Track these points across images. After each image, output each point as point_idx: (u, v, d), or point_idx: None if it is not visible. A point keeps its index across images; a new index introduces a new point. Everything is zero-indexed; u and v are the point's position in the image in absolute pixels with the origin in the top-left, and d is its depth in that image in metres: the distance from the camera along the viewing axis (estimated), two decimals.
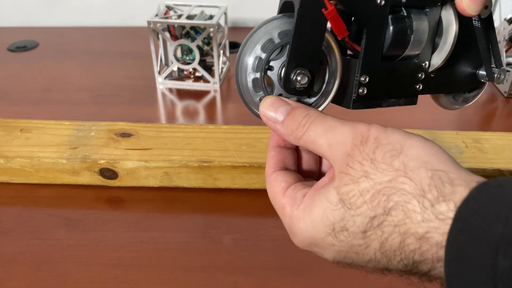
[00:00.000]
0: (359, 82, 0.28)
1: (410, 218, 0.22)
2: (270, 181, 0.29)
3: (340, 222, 0.24)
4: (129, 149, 0.52)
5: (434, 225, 0.22)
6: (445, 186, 0.22)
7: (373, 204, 0.23)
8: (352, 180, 0.24)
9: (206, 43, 0.71)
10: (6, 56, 0.85)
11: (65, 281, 0.42)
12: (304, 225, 0.26)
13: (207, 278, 0.43)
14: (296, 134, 0.26)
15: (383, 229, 0.23)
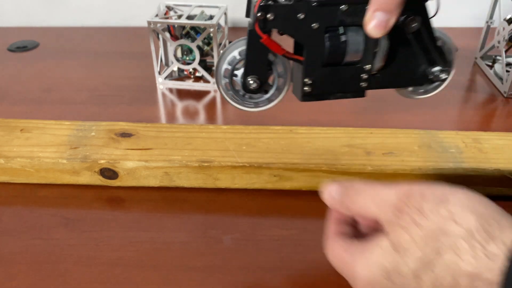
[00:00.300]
0: (304, 82, 0.38)
1: (461, 258, 0.23)
2: (331, 240, 0.32)
3: (394, 267, 0.26)
4: (129, 149, 0.53)
5: (486, 265, 0.23)
6: (492, 227, 0.24)
7: (424, 248, 0.24)
8: (402, 228, 0.26)
9: (206, 43, 0.72)
10: (6, 56, 0.85)
11: (65, 280, 0.43)
12: (361, 270, 0.28)
13: (207, 278, 0.43)
14: (348, 206, 0.31)
15: (435, 272, 0.24)
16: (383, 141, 0.54)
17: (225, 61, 0.38)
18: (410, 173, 0.50)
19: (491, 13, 0.77)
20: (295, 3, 0.34)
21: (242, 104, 0.41)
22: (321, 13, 0.35)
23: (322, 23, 0.35)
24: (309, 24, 0.35)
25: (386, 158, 0.51)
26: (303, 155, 0.51)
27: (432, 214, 0.25)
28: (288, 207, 0.51)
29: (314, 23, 0.35)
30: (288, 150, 0.52)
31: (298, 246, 0.46)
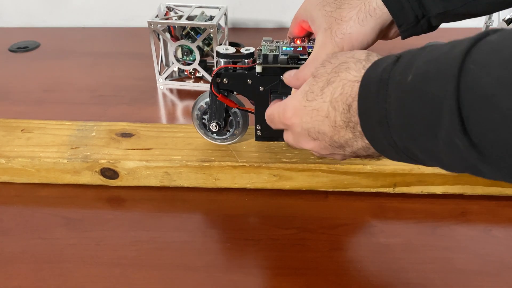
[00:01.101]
0: (256, 128, 0.49)
1: (349, 73, 0.34)
2: (274, 103, 0.42)
3: (310, 88, 0.36)
4: (129, 149, 0.53)
5: (361, 73, 0.33)
6: (374, 57, 0.34)
7: (330, 74, 0.35)
8: (322, 66, 0.37)
9: (207, 43, 0.72)
10: (8, 56, 0.85)
11: (66, 280, 0.43)
12: (290, 100, 0.39)
13: (207, 278, 0.43)
14: (298, 76, 0.41)
15: (333, 85, 0.34)
16: None
17: (196, 107, 0.51)
18: (409, 172, 0.50)
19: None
20: (243, 73, 0.46)
21: (212, 139, 0.52)
22: (265, 80, 0.46)
23: (266, 87, 0.46)
24: (257, 87, 0.46)
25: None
26: (302, 155, 0.51)
27: (341, 55, 0.36)
28: (287, 207, 0.51)
29: (260, 87, 0.46)
30: (288, 150, 0.52)
31: (298, 246, 0.46)
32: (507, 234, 0.48)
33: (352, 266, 0.44)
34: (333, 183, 0.51)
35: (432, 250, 0.46)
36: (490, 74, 0.23)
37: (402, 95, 0.28)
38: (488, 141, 0.24)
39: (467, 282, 0.43)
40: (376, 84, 0.30)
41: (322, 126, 0.35)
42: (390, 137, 0.30)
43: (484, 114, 0.24)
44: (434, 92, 0.26)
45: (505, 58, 0.23)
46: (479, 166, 0.26)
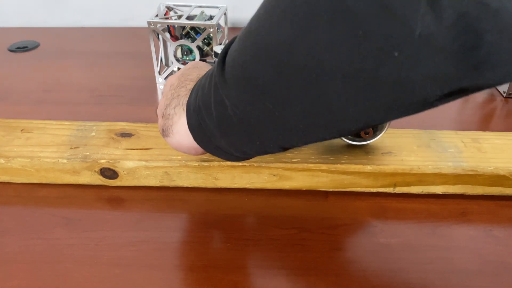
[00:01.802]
0: None
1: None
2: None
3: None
4: (129, 149, 0.53)
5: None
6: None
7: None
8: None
9: (206, 43, 0.72)
10: (7, 56, 0.85)
11: (65, 280, 0.43)
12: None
13: (207, 278, 0.43)
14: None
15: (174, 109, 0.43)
16: (382, 140, 0.54)
17: None
18: (409, 172, 0.50)
19: None
20: None
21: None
22: None
23: None
24: None
25: (385, 157, 0.51)
26: (302, 154, 0.51)
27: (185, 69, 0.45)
28: (287, 207, 0.51)
29: None
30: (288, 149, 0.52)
31: (298, 246, 0.46)
32: (507, 234, 0.48)
33: (352, 266, 0.44)
34: (333, 183, 0.51)
35: (432, 250, 0.46)
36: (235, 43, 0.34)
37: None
38: (229, 67, 0.33)
39: (467, 282, 0.43)
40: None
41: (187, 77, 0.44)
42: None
43: (230, 56, 0.34)
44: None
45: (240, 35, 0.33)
46: (225, 101, 0.34)
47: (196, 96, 0.39)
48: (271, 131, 0.33)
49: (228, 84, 0.33)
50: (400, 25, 0.22)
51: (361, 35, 0.24)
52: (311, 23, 0.26)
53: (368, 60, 0.24)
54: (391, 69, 0.24)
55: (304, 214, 0.50)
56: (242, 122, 0.34)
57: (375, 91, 0.25)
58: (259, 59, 0.30)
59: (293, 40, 0.27)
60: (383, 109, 0.27)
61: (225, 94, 0.34)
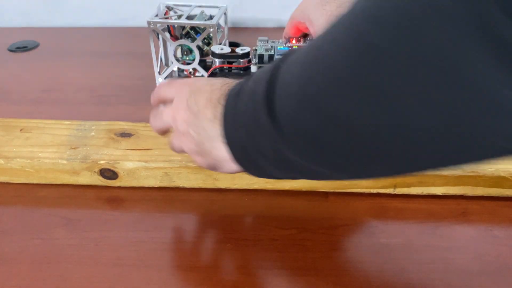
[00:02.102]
0: None
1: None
2: None
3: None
4: (129, 149, 0.53)
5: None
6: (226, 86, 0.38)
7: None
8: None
9: (206, 43, 0.72)
10: (7, 56, 0.85)
11: (65, 280, 0.43)
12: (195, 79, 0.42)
13: (207, 278, 0.43)
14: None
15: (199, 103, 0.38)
16: None
17: None
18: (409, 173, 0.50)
19: None
20: (238, 73, 0.47)
21: None
22: None
23: None
24: None
25: None
26: None
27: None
28: (287, 207, 0.51)
29: None
30: None
31: (298, 246, 0.46)
32: (507, 234, 0.47)
33: (352, 266, 0.44)
34: (333, 184, 0.51)
35: (433, 250, 0.46)
36: (289, 72, 0.29)
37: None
38: (285, 119, 0.29)
39: (467, 282, 0.43)
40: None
41: (203, 97, 0.39)
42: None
43: (284, 99, 0.28)
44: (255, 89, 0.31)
45: (299, 62, 0.28)
46: (285, 152, 0.30)
47: (236, 132, 0.34)
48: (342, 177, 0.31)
49: (287, 139, 0.29)
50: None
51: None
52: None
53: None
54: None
55: (304, 214, 0.50)
56: (309, 169, 0.31)
57: None
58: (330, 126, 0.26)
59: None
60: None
61: (284, 147, 0.30)
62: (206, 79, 0.40)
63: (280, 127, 0.28)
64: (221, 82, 0.38)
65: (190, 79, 0.41)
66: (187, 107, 0.38)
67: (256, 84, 0.31)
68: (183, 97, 0.39)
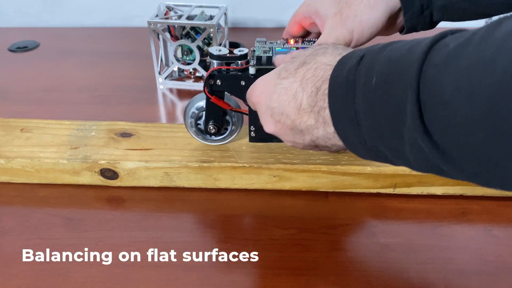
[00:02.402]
0: (250, 129, 0.50)
1: (325, 57, 0.34)
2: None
3: (284, 67, 0.37)
4: (129, 149, 0.53)
5: (336, 59, 0.33)
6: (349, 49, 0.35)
7: (307, 56, 0.36)
8: (304, 50, 0.38)
9: (206, 43, 0.72)
10: (7, 56, 0.85)
11: (65, 280, 0.43)
12: (262, 77, 0.39)
13: (207, 278, 0.43)
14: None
15: (308, 66, 0.35)
16: None
17: (188, 115, 0.51)
18: (410, 173, 0.50)
19: None
20: (237, 75, 0.46)
21: (211, 141, 0.53)
22: None
23: None
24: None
25: None
26: (302, 155, 0.51)
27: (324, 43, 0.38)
28: (287, 207, 0.51)
29: None
30: (288, 150, 0.52)
31: (298, 246, 0.46)
32: (507, 234, 0.48)
33: (352, 266, 0.44)
34: (333, 184, 0.51)
35: (432, 250, 0.46)
36: (448, 81, 0.24)
37: (368, 97, 0.29)
38: (449, 144, 0.25)
39: (467, 282, 0.43)
40: (343, 86, 0.31)
41: (287, 107, 0.35)
42: (361, 136, 0.30)
43: (443, 119, 0.24)
44: (397, 96, 0.27)
45: (462, 66, 0.24)
46: (442, 166, 0.26)
47: (358, 131, 0.30)
48: None
49: (446, 157, 0.26)
50: None
51: None
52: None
53: None
54: None
55: (304, 214, 0.50)
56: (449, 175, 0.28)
57: None
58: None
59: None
60: None
61: (441, 163, 0.26)
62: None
63: (443, 151, 0.25)
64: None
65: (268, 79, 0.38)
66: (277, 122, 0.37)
67: (393, 86, 0.27)
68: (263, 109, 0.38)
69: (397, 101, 0.27)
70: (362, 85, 0.29)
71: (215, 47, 0.47)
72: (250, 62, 0.45)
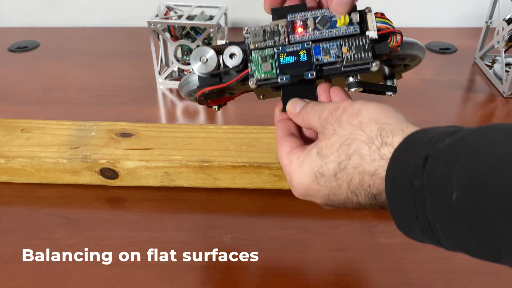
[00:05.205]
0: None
1: (364, 160, 0.30)
2: (279, 145, 0.36)
3: (319, 170, 0.32)
4: (129, 149, 0.53)
5: (380, 164, 0.29)
6: (388, 135, 0.29)
7: (338, 153, 0.31)
8: (325, 137, 0.32)
9: (206, 43, 0.72)
10: (7, 56, 0.85)
11: (65, 280, 0.43)
12: (297, 178, 0.34)
13: (207, 278, 0.43)
14: (303, 118, 0.35)
15: (347, 171, 0.30)
16: None
17: (192, 82, 0.39)
18: None
19: (490, 13, 0.77)
20: (234, 86, 0.37)
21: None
22: (261, 91, 0.39)
23: (267, 97, 0.40)
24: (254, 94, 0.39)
25: None
26: None
27: (347, 124, 0.31)
28: (287, 207, 0.51)
29: (261, 95, 0.40)
30: None
31: (298, 246, 0.46)
32: None
33: (352, 266, 0.44)
34: None
35: (432, 250, 0.46)
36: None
37: (449, 213, 0.25)
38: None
39: (467, 282, 0.43)
40: (408, 191, 0.27)
41: (343, 204, 0.33)
42: (437, 242, 0.28)
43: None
44: (494, 222, 0.23)
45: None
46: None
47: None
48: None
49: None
50: None
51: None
52: None
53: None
54: None
55: (304, 214, 0.50)
56: None
57: None
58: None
59: None
60: None
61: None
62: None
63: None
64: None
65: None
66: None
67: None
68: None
69: (494, 227, 0.23)
70: (437, 198, 0.25)
71: (196, 61, 0.36)
72: (249, 79, 0.36)
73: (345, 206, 0.33)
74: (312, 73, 0.35)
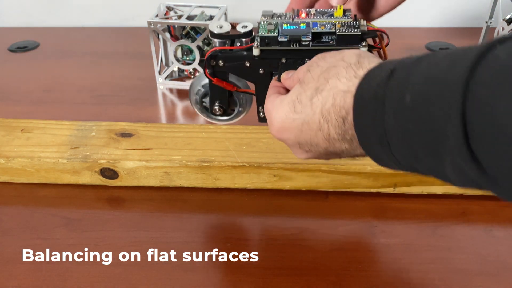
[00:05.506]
0: (258, 110, 0.45)
1: (339, 81, 0.32)
2: (267, 99, 0.38)
3: (298, 97, 0.34)
4: (129, 149, 0.53)
5: (353, 82, 0.31)
6: (365, 61, 0.32)
7: (319, 78, 0.33)
8: (308, 70, 0.34)
9: (206, 43, 0.72)
10: (7, 56, 0.85)
11: (65, 280, 0.43)
12: (276, 112, 0.36)
13: (208, 278, 0.43)
14: (293, 77, 0.38)
15: (323, 94, 0.32)
16: None
17: (194, 92, 0.46)
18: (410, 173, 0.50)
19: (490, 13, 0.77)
20: (241, 55, 0.42)
21: (217, 120, 0.48)
22: (265, 62, 0.42)
23: (267, 69, 0.42)
24: (256, 69, 0.42)
25: None
26: None
27: (330, 58, 0.34)
28: (287, 207, 0.51)
29: (260, 69, 0.42)
30: (288, 150, 0.51)
31: (298, 246, 0.46)
32: (507, 234, 0.48)
33: (352, 266, 0.44)
34: (333, 183, 0.51)
35: (433, 250, 0.46)
36: (501, 101, 0.21)
37: (401, 116, 0.26)
38: (502, 172, 0.22)
39: (467, 282, 0.43)
40: (371, 102, 0.28)
41: (314, 139, 0.33)
42: (392, 155, 0.28)
43: (495, 146, 0.21)
44: (437, 117, 0.24)
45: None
46: (491, 189, 0.24)
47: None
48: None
49: (497, 183, 0.23)
50: None
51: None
52: None
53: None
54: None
55: (304, 214, 0.50)
56: None
57: None
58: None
59: None
60: None
61: (489, 188, 0.24)
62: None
63: (492, 177, 0.23)
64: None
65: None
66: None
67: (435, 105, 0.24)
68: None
69: (438, 124, 0.24)
70: (393, 102, 0.27)
71: (216, 22, 0.43)
72: (254, 40, 0.41)
73: (316, 143, 0.34)
74: (308, 36, 0.40)
